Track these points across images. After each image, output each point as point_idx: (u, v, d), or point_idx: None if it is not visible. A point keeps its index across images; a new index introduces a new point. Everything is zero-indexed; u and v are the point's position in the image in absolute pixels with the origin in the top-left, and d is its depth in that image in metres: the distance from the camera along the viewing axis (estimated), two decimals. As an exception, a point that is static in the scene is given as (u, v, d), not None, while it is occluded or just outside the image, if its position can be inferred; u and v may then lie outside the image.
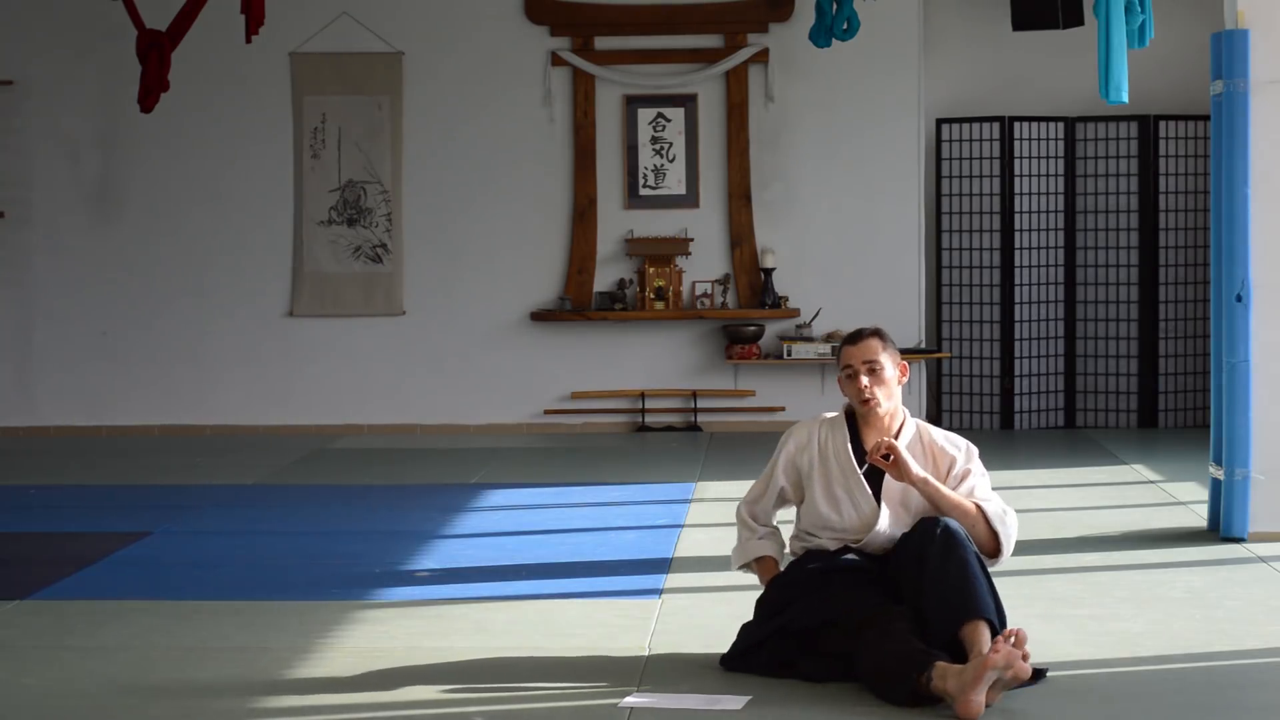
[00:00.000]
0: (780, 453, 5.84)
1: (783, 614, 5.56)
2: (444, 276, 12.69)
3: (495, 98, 12.64)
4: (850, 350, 5.76)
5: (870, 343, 5.75)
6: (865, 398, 5.70)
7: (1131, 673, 5.53)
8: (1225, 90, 7.94)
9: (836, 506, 5.70)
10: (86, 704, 5.40)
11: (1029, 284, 12.48)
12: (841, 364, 5.78)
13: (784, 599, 5.61)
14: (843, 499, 5.70)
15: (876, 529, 5.63)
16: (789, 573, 5.72)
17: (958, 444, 5.76)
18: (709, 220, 12.64)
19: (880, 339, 5.78)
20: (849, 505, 5.69)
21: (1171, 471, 10.23)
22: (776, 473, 5.84)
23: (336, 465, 11.16)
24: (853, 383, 5.72)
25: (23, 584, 7.19)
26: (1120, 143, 12.47)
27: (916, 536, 5.49)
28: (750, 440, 12.05)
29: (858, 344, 5.76)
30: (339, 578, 7.35)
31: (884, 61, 12.47)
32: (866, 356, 5.72)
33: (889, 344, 5.79)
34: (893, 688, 5.18)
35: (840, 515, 5.69)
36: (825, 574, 5.59)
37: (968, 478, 5.68)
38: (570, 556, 7.90)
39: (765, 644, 5.58)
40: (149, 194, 12.72)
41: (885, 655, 5.23)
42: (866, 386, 5.69)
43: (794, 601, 5.56)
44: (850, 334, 5.85)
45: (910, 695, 5.14)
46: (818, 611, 5.49)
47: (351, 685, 5.56)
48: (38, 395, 12.75)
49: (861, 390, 5.70)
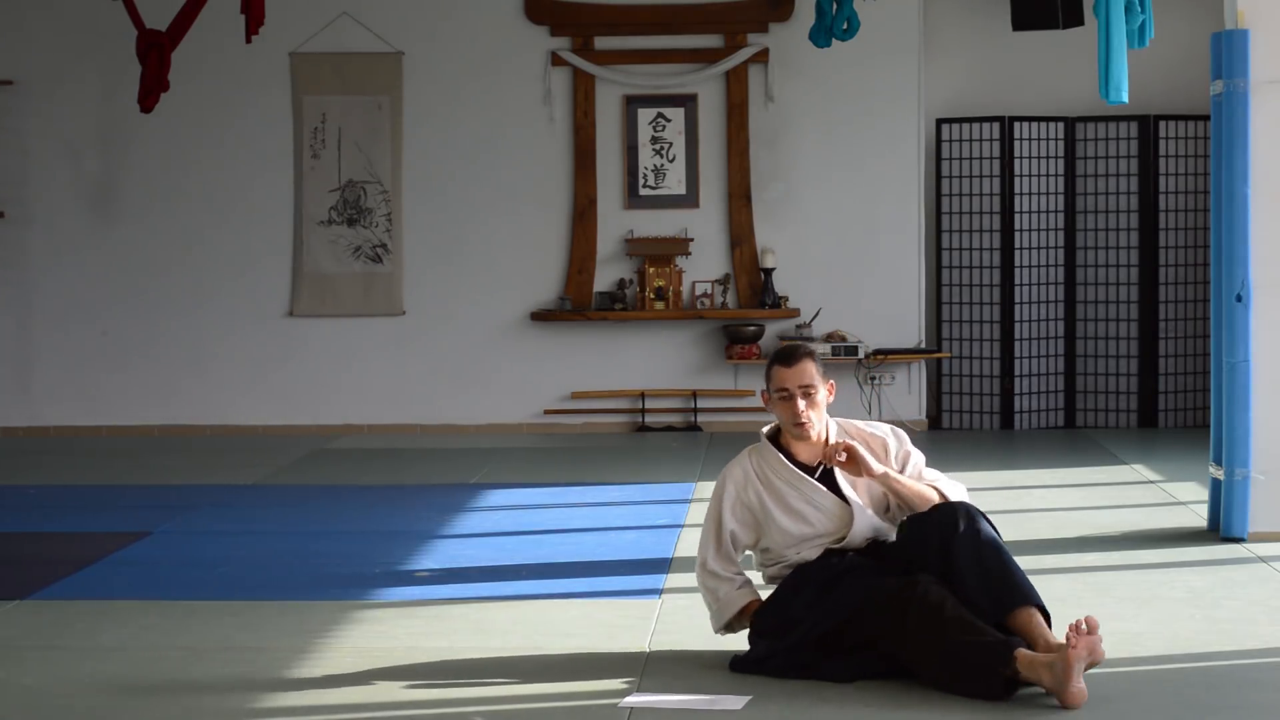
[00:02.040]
0: (722, 501, 5.76)
1: (800, 624, 5.50)
2: (444, 276, 12.69)
3: (495, 98, 12.64)
4: (784, 373, 5.70)
5: (805, 365, 5.70)
6: (800, 421, 5.69)
7: (1131, 673, 5.53)
8: (1225, 90, 7.94)
9: (804, 519, 5.68)
10: (86, 704, 5.40)
11: (1029, 284, 12.48)
12: (774, 386, 5.72)
13: (797, 604, 5.55)
14: (807, 510, 5.68)
15: (855, 525, 5.64)
16: (792, 580, 5.65)
17: (880, 429, 5.81)
18: (709, 220, 12.64)
19: (812, 359, 5.74)
20: (816, 513, 5.68)
21: (1171, 471, 10.23)
22: (724, 520, 5.74)
23: (336, 465, 11.16)
24: (788, 406, 5.69)
25: (23, 584, 7.19)
26: (1120, 143, 12.47)
27: (935, 528, 5.46)
28: (750, 440, 12.02)
29: (791, 366, 5.70)
30: (339, 578, 7.35)
31: (884, 61, 12.47)
32: (802, 381, 5.69)
33: (818, 363, 5.76)
34: (978, 681, 5.19)
35: (812, 525, 5.68)
36: (831, 573, 5.57)
37: (909, 459, 5.74)
38: (570, 556, 7.90)
39: (780, 652, 5.55)
40: (149, 194, 12.72)
41: (961, 647, 5.21)
42: (803, 411, 5.68)
43: (810, 605, 5.51)
44: (781, 353, 5.78)
45: (1000, 688, 5.18)
46: (835, 610, 5.47)
47: (351, 685, 5.56)
48: (38, 395, 12.75)
49: (798, 415, 5.68)
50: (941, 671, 5.28)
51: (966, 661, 5.21)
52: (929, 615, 5.28)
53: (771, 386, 5.74)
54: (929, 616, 5.28)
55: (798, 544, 5.69)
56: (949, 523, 5.44)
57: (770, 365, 5.78)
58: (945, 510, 5.50)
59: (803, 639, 5.50)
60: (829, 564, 5.61)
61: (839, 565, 5.59)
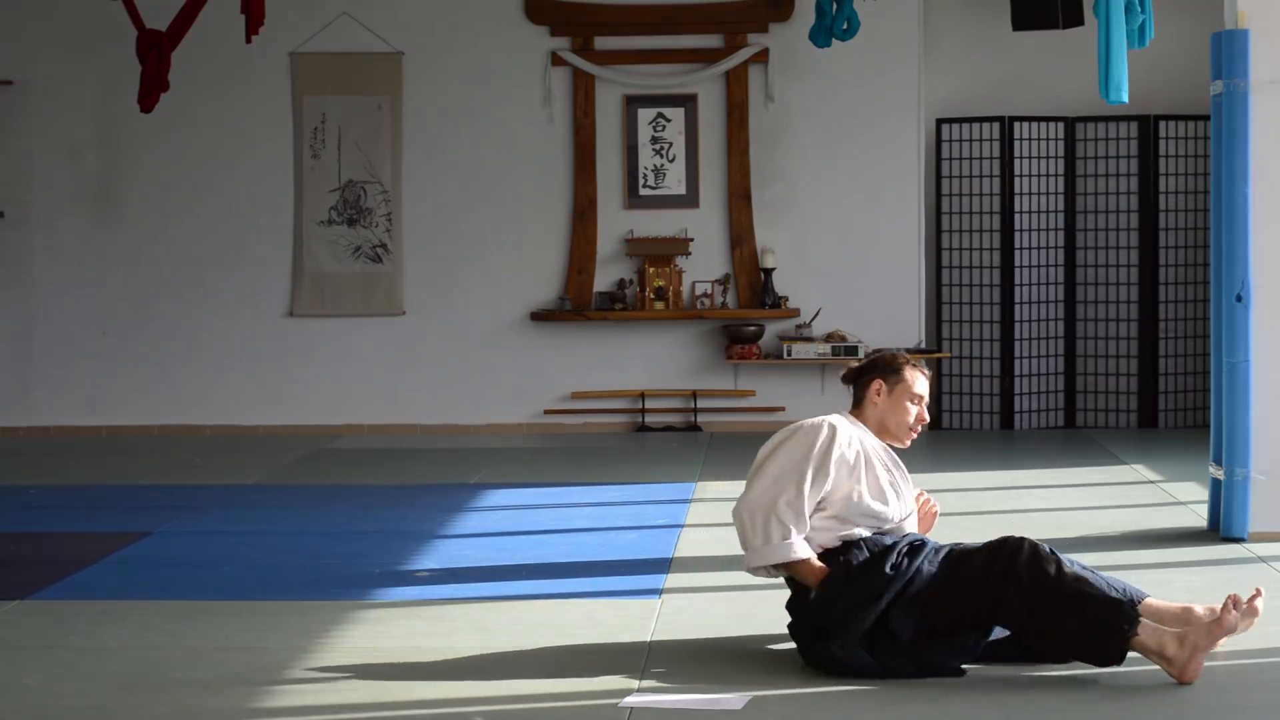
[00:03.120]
0: (830, 451, 5.70)
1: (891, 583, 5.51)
2: (444, 276, 12.70)
3: (495, 98, 12.65)
4: (923, 381, 5.89)
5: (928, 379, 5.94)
6: (915, 430, 5.91)
7: (1131, 672, 5.53)
8: (1225, 90, 7.94)
9: (884, 499, 5.76)
10: (86, 704, 5.40)
11: (1029, 284, 12.48)
12: (910, 389, 5.87)
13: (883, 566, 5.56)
14: (889, 492, 5.78)
15: (908, 525, 5.84)
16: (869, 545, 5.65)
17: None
18: (709, 220, 12.64)
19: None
20: (895, 498, 5.79)
21: (1171, 471, 10.23)
22: (828, 469, 5.69)
23: (336, 465, 11.16)
24: (916, 411, 5.87)
25: (23, 584, 7.19)
26: (1120, 143, 12.47)
27: (1002, 557, 5.48)
28: (750, 440, 11.98)
29: (927, 376, 5.93)
30: (339, 578, 7.35)
31: (884, 61, 12.47)
32: (929, 391, 5.94)
33: None
34: (1106, 642, 5.29)
35: (888, 507, 5.76)
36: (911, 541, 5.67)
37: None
38: (570, 556, 7.90)
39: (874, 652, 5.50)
40: (149, 194, 12.72)
41: (1092, 603, 5.29)
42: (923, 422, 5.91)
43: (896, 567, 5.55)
44: (915, 360, 5.93)
45: (1119, 654, 5.29)
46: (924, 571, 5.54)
47: (351, 685, 5.57)
48: (38, 395, 12.75)
49: (919, 421, 5.89)
50: (1065, 631, 5.34)
51: (1094, 617, 5.29)
52: (1042, 566, 5.36)
53: (904, 388, 5.87)
54: (1042, 568, 5.36)
55: (862, 517, 5.72)
56: (1013, 553, 5.49)
57: (905, 367, 5.90)
58: (1012, 545, 5.54)
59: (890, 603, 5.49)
60: (901, 537, 5.71)
61: (913, 536, 5.72)
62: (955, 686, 5.43)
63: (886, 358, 5.94)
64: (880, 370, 5.91)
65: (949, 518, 8.60)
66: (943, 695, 5.34)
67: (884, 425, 5.90)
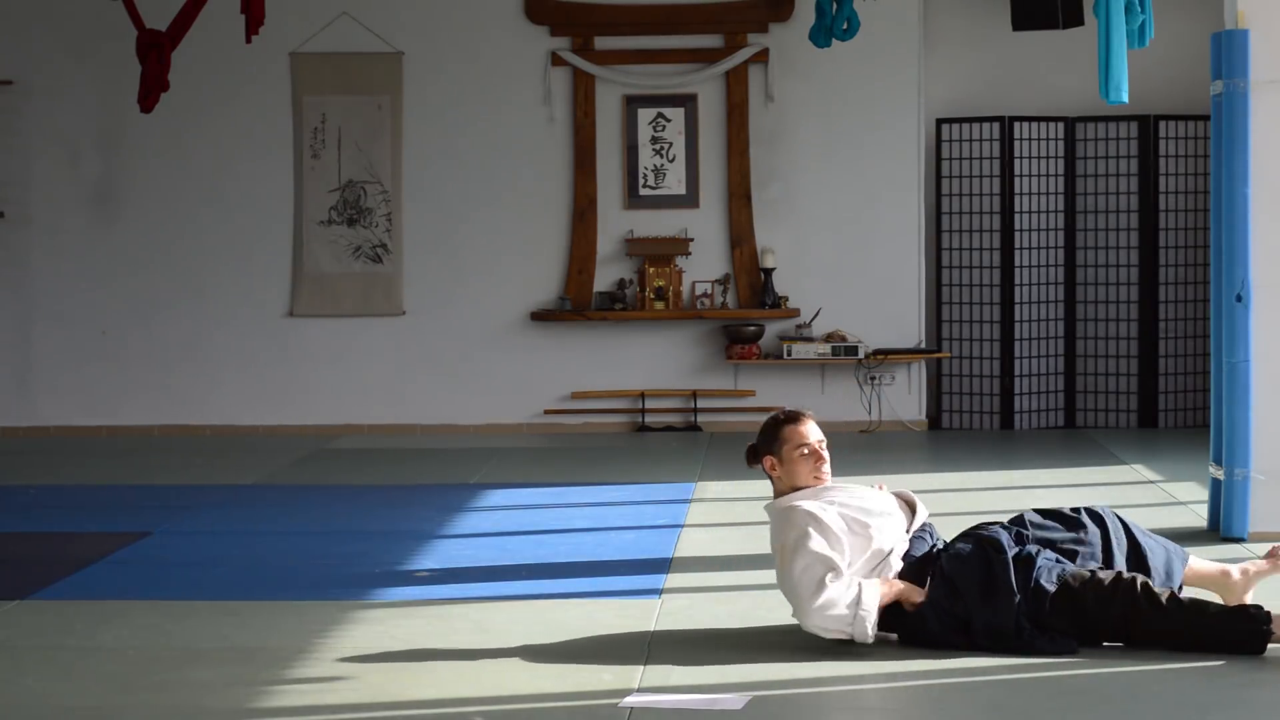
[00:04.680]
0: (813, 519, 5.83)
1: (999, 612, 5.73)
2: (444, 276, 12.70)
3: (495, 98, 12.65)
4: (801, 430, 5.99)
5: (812, 422, 6.04)
6: (821, 475, 5.98)
7: (1131, 672, 5.53)
8: (1225, 90, 7.94)
9: (869, 531, 5.90)
10: (86, 704, 5.40)
11: (1029, 284, 12.48)
12: (793, 444, 5.96)
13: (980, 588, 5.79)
14: (870, 527, 5.92)
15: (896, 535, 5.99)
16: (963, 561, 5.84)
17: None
18: (709, 220, 12.64)
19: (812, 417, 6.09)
20: (880, 530, 5.93)
21: (1171, 471, 10.23)
22: (827, 529, 5.82)
23: (336, 465, 11.16)
24: (812, 459, 5.96)
25: (23, 584, 7.19)
26: (1120, 143, 12.47)
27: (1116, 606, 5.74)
28: (750, 440, 12.03)
29: (805, 424, 6.01)
30: (339, 578, 7.35)
31: (884, 61, 12.47)
32: (819, 435, 6.02)
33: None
34: (1247, 644, 5.63)
35: (880, 538, 5.93)
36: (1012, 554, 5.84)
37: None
38: (570, 556, 7.90)
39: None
40: (149, 194, 12.72)
41: (1213, 619, 5.66)
42: (826, 461, 6.01)
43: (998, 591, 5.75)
44: (788, 415, 6.05)
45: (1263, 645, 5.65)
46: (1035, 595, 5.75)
47: (351, 685, 5.56)
48: (38, 395, 12.75)
49: (822, 465, 5.98)
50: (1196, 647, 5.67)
51: (1225, 637, 5.64)
52: (1156, 602, 5.66)
53: (788, 448, 5.97)
54: (1157, 603, 5.66)
55: (876, 555, 5.87)
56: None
57: (780, 427, 6.02)
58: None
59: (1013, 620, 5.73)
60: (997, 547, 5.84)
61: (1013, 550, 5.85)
62: (956, 687, 5.43)
63: (762, 431, 6.07)
64: (763, 445, 6.04)
65: (949, 518, 8.61)
66: (944, 695, 5.34)
67: (796, 486, 5.98)
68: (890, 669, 5.61)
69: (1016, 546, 5.86)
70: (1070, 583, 5.75)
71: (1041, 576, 5.75)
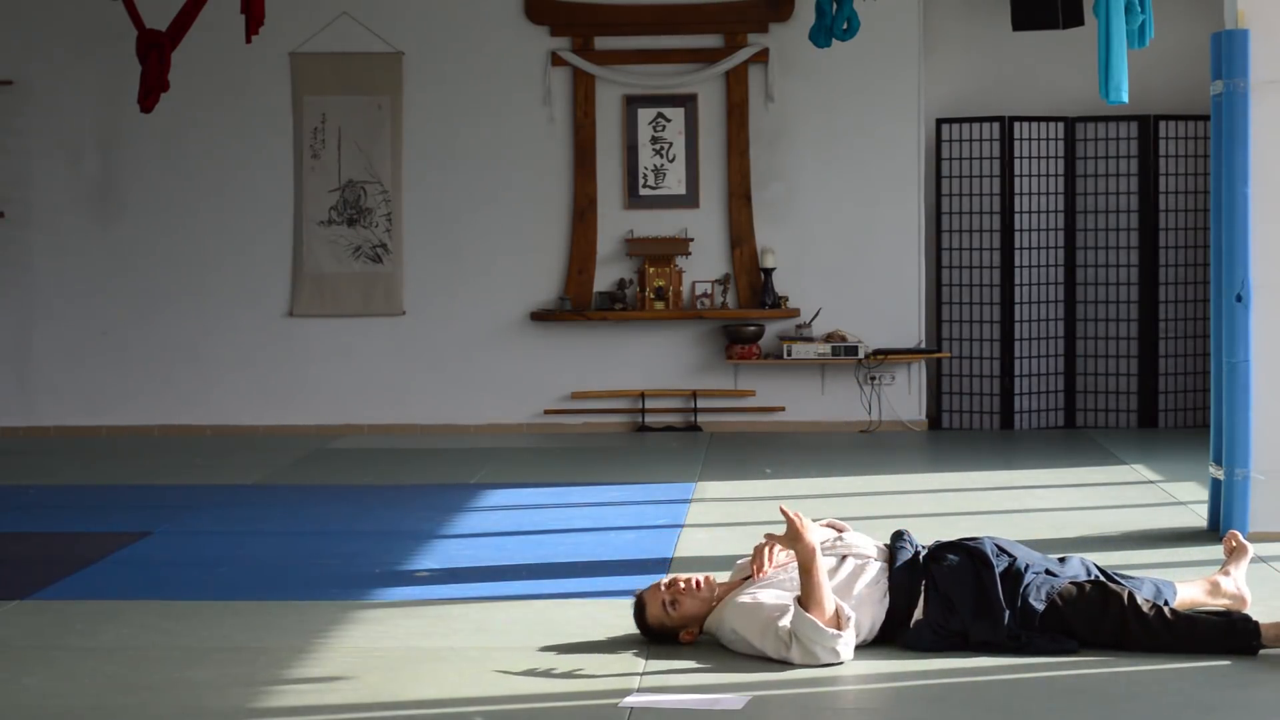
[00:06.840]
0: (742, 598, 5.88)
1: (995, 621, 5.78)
2: (444, 276, 12.70)
3: (495, 98, 12.65)
4: (654, 611, 5.95)
5: (652, 604, 5.99)
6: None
7: (1131, 672, 5.53)
8: (1225, 90, 7.94)
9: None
10: (86, 704, 5.40)
11: (1029, 284, 12.48)
12: (659, 619, 5.93)
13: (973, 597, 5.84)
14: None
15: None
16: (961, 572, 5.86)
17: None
18: (709, 220, 12.64)
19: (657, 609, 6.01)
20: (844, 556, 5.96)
21: (1171, 471, 10.23)
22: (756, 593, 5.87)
23: (336, 465, 11.16)
24: (679, 604, 5.93)
25: (23, 584, 7.19)
26: (1120, 143, 12.47)
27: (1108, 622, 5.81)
28: (750, 440, 12.06)
29: (650, 606, 5.97)
30: (339, 578, 7.35)
31: (884, 62, 12.47)
32: (656, 609, 5.94)
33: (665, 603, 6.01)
34: (1241, 646, 5.69)
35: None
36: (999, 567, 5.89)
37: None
38: (570, 556, 7.90)
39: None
40: (149, 194, 12.72)
41: (1206, 628, 5.73)
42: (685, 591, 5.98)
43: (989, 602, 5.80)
44: (636, 605, 6.01)
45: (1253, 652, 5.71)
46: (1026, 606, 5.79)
47: (351, 685, 5.57)
48: (38, 395, 12.75)
49: (684, 599, 5.94)
50: (1186, 649, 5.74)
51: (1216, 650, 5.69)
52: (1146, 621, 5.73)
53: (662, 620, 5.95)
54: (1146, 623, 5.72)
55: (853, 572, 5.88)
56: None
57: (643, 618, 5.99)
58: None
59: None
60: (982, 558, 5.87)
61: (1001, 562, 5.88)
62: (956, 687, 5.43)
63: (645, 631, 5.99)
64: (663, 635, 5.95)
65: (949, 518, 8.61)
66: (944, 695, 5.34)
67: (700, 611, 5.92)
68: (890, 669, 5.61)
69: (1004, 559, 5.83)
70: (1058, 602, 5.75)
71: (1030, 595, 5.74)
